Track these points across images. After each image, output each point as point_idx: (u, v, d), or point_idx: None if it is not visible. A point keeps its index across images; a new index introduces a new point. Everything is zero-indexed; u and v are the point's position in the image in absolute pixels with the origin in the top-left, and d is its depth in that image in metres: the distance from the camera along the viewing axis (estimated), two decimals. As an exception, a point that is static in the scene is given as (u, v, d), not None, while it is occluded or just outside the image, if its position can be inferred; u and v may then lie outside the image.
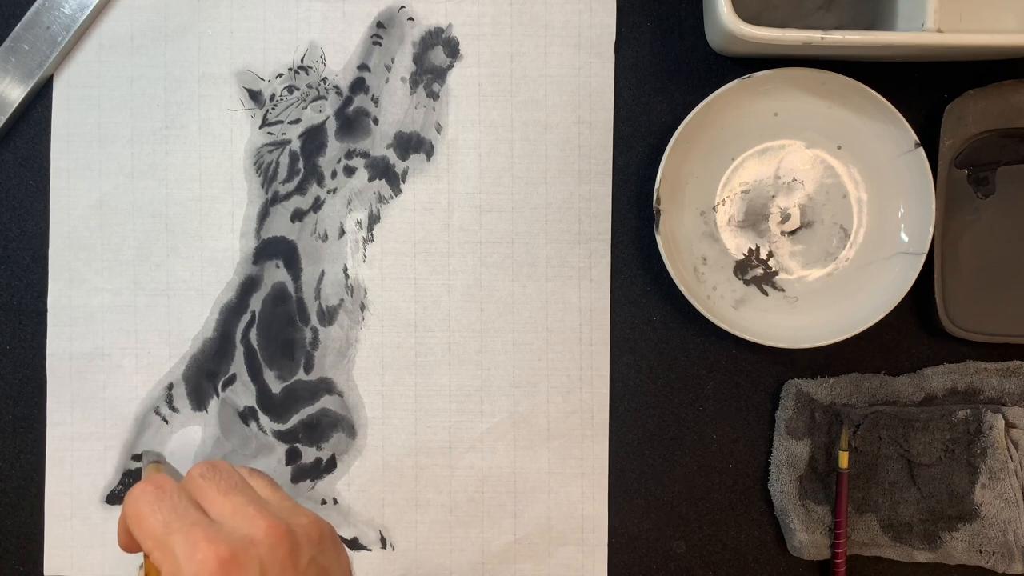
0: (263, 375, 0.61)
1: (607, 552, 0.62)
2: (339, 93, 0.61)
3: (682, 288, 0.58)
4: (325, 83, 0.61)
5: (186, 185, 0.61)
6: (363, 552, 0.61)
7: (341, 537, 0.61)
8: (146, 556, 0.40)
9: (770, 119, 0.61)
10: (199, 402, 0.61)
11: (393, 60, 0.61)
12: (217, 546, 0.36)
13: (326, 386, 0.61)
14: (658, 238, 0.59)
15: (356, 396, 0.61)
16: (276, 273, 0.61)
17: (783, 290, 0.62)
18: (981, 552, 0.60)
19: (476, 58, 0.61)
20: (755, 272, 0.62)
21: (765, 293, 0.62)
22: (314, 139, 0.61)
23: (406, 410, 0.62)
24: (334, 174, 0.61)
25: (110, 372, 0.61)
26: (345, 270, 0.61)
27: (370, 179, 0.61)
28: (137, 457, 0.61)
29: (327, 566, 0.40)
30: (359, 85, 0.61)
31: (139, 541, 0.38)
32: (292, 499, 0.42)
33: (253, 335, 0.61)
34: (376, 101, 0.61)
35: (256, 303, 0.61)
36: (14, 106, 0.60)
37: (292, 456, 0.61)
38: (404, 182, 0.61)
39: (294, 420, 0.61)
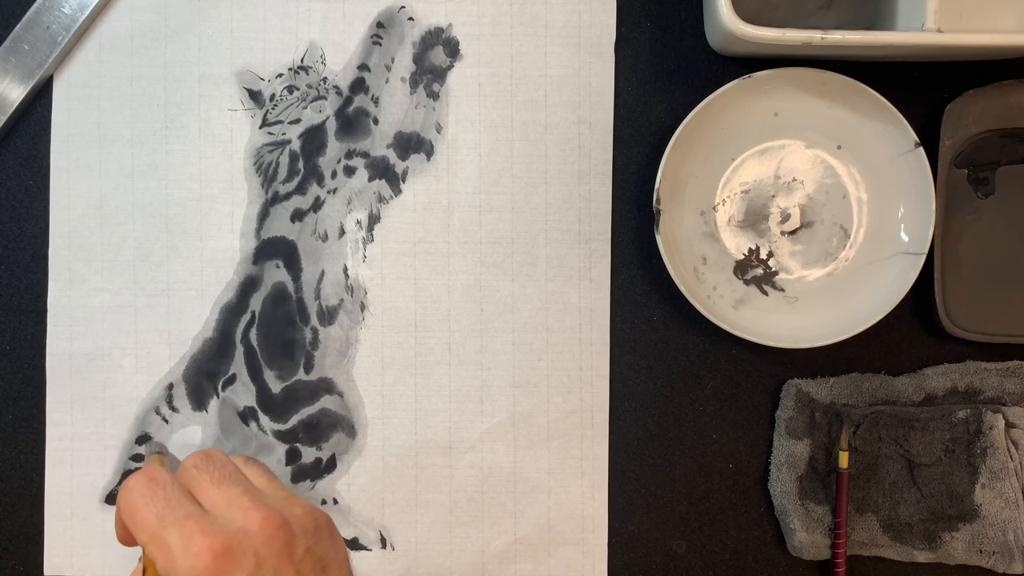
0: (263, 375, 0.61)
1: (607, 552, 0.62)
2: (339, 93, 0.61)
3: (682, 288, 0.58)
4: (325, 83, 0.61)
5: (186, 185, 0.61)
6: (363, 552, 0.61)
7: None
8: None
9: (770, 119, 0.61)
10: (199, 402, 0.61)
11: (393, 60, 0.61)
12: (212, 538, 0.36)
13: (326, 386, 0.61)
14: (658, 238, 0.59)
15: (356, 396, 0.61)
16: (276, 273, 0.61)
17: (783, 290, 0.62)
18: (981, 552, 0.60)
19: (476, 58, 0.61)
20: (755, 272, 0.62)
21: (765, 293, 0.62)
22: (314, 139, 0.61)
23: (406, 410, 0.62)
24: (334, 174, 0.61)
25: (110, 372, 0.61)
26: (345, 270, 0.61)
27: (370, 179, 0.61)
28: (136, 457, 0.61)
29: (323, 556, 0.40)
30: (359, 85, 0.61)
31: (133, 534, 0.38)
32: (287, 489, 0.42)
33: (253, 335, 0.61)
34: (376, 101, 0.61)
35: (256, 303, 0.61)
36: (14, 106, 0.60)
37: (292, 456, 0.61)
38: (404, 182, 0.61)
39: (294, 420, 0.61)
